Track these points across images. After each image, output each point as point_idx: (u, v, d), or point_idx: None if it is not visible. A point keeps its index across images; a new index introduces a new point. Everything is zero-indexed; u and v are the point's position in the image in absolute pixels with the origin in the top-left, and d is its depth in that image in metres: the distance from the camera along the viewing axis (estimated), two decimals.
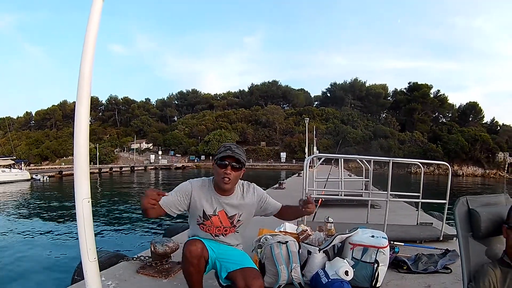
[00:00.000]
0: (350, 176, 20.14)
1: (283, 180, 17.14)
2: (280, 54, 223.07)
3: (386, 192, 6.09)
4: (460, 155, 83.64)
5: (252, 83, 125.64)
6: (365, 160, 10.58)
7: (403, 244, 5.43)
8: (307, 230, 4.24)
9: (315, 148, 43.08)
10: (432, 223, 7.08)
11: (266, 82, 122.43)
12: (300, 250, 3.80)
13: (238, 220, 3.05)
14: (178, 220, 12.01)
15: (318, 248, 3.75)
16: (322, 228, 4.65)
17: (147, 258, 4.39)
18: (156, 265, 4.18)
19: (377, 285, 3.69)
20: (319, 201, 7.76)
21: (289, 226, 4.77)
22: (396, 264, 4.49)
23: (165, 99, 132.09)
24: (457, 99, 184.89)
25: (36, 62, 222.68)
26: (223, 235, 3.05)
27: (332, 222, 4.77)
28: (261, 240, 3.83)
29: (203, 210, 2.89)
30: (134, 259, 4.51)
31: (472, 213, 2.46)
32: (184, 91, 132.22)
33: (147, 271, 4.12)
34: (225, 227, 3.03)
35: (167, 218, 15.89)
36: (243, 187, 3.09)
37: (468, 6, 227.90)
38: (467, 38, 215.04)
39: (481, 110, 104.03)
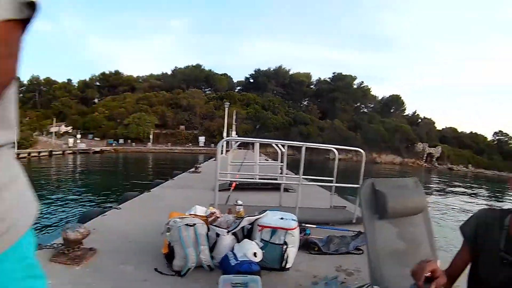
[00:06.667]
0: (267, 160, 20.26)
1: (200, 164, 17.00)
2: (207, 38, 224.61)
3: (298, 176, 6.13)
4: (380, 144, 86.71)
5: (175, 66, 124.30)
6: (280, 145, 10.66)
7: (315, 226, 5.46)
8: (215, 212, 4.19)
9: (234, 132, 43.23)
10: (345, 206, 7.25)
11: (190, 65, 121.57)
12: (209, 233, 3.75)
13: None
14: (93, 205, 11.69)
15: (226, 231, 3.73)
16: (231, 211, 4.60)
17: (60, 245, 4.14)
18: (69, 252, 3.93)
19: (287, 266, 3.74)
20: (233, 185, 7.74)
21: (200, 209, 4.66)
22: (307, 246, 4.50)
23: (87, 80, 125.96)
24: (381, 92, 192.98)
25: None
26: None
27: (241, 205, 4.73)
28: (170, 223, 3.73)
29: None
30: (48, 247, 4.24)
31: (378, 195, 2.48)
32: (107, 72, 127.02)
33: (60, 259, 3.86)
34: None
35: (82, 204, 15.51)
36: None
37: (396, 4, 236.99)
38: (394, 33, 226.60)
39: (403, 102, 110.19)
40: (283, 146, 10.03)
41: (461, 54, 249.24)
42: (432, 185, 41.50)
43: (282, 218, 3.83)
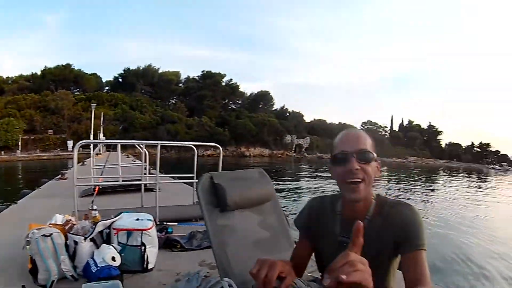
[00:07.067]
0: (134, 161, 20.01)
1: (66, 170, 16.39)
2: (79, 35, 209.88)
3: (156, 175, 6.26)
4: (248, 138, 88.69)
5: (45, 66, 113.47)
6: (142, 144, 10.64)
7: (176, 224, 5.57)
8: (71, 219, 4.10)
9: (101, 134, 42.05)
10: None
11: (60, 65, 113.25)
12: (68, 241, 3.65)
13: None
14: None
15: (83, 237, 3.64)
16: (88, 216, 4.53)
17: None
18: None
19: (150, 267, 3.76)
20: (96, 189, 7.61)
21: (60, 218, 4.54)
22: (169, 244, 4.58)
23: None
24: (252, 89, 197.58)
25: None
26: None
27: (96, 209, 4.63)
28: (29, 236, 3.61)
29: None
30: None
31: (217, 188, 2.54)
32: None
33: None
34: None
35: None
36: None
37: (267, 5, 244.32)
38: (265, 33, 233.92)
39: (272, 98, 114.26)
40: (150, 146, 10.01)
41: (326, 52, 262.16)
42: (301, 173, 43.70)
43: (137, 219, 3.85)
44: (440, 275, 8.82)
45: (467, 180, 47.49)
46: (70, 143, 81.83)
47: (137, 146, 10.85)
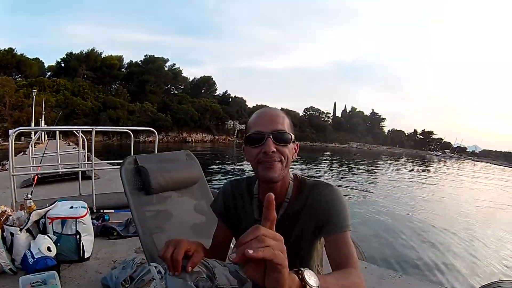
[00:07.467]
0: (75, 149, 19.71)
1: (7, 161, 15.85)
2: (22, 16, 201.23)
3: (92, 162, 6.17)
4: (190, 123, 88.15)
5: None
6: (80, 131, 10.48)
7: (114, 211, 5.57)
8: (6, 210, 3.95)
9: (43, 122, 40.83)
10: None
11: (2, 49, 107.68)
12: (4, 234, 3.55)
13: None
14: None
15: (19, 228, 3.56)
16: (23, 207, 4.49)
17: None
18: None
19: (86, 256, 3.74)
20: (35, 178, 7.51)
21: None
22: (106, 232, 4.58)
23: None
24: (194, 73, 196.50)
25: None
26: None
27: (30, 199, 4.54)
28: None
29: None
30: None
31: (141, 171, 2.56)
32: None
33: None
34: None
35: None
36: None
37: None
38: (209, 18, 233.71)
39: (215, 83, 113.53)
40: (85, 132, 9.81)
41: (270, 38, 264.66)
42: (242, 157, 44.02)
43: (71, 207, 3.81)
44: (390, 248, 9.61)
45: (411, 165, 49.23)
46: (12, 132, 78.36)
47: (75, 132, 10.60)
